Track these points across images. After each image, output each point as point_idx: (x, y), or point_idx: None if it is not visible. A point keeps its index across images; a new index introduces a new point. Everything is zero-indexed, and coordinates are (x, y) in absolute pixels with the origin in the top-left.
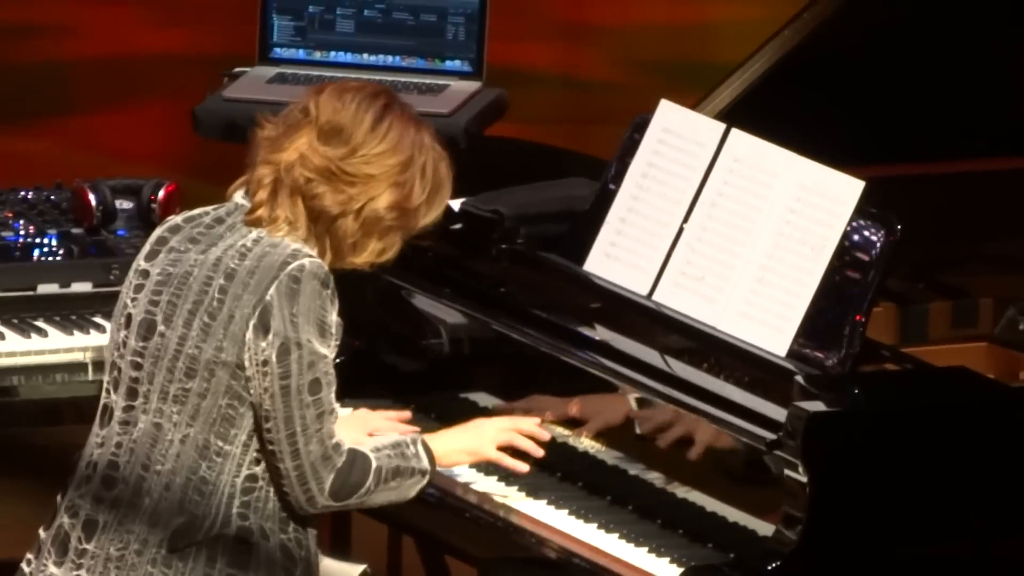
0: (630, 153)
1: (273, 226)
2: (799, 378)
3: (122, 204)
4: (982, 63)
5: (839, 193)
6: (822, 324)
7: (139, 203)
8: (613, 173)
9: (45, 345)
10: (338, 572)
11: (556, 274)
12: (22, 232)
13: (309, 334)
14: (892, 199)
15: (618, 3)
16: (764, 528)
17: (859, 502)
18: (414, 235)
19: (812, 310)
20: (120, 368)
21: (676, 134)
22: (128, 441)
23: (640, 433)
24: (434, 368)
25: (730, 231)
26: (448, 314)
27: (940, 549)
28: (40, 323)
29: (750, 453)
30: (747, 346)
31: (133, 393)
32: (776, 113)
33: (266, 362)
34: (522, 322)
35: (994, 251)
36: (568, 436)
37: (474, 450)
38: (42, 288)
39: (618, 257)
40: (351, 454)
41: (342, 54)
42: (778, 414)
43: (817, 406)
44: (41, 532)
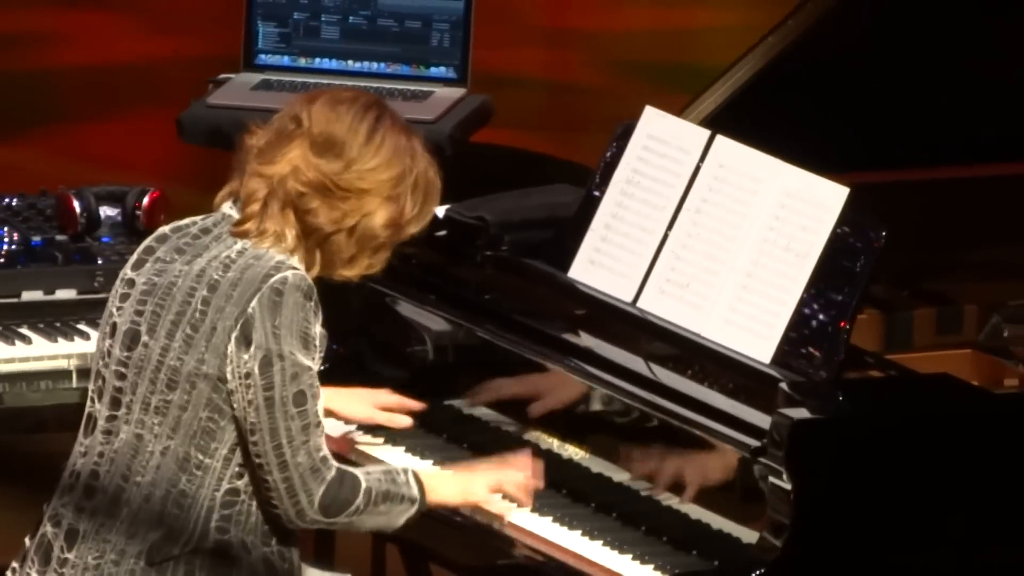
0: (615, 160)
1: (260, 238)
2: (783, 385)
3: (106, 211)
4: (966, 70)
5: (824, 200)
6: (807, 331)
7: (123, 210)
8: (598, 180)
9: (29, 352)
10: None
11: (541, 281)
12: (6, 239)
13: (292, 346)
14: (877, 206)
15: (602, 8)
16: (748, 535)
17: (843, 509)
18: (401, 243)
19: (797, 317)
20: (104, 377)
21: (661, 141)
22: (110, 451)
23: (624, 440)
24: (418, 375)
25: (715, 238)
26: (433, 321)
27: (925, 557)
28: (24, 330)
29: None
30: (732, 353)
31: (116, 403)
32: (761, 120)
33: (248, 375)
34: (507, 329)
35: (979, 258)
36: (552, 443)
37: (465, 491)
38: (26, 295)
39: (603, 264)
40: (340, 471)
41: (327, 61)
42: (762, 421)
43: (801, 413)
44: (27, 540)
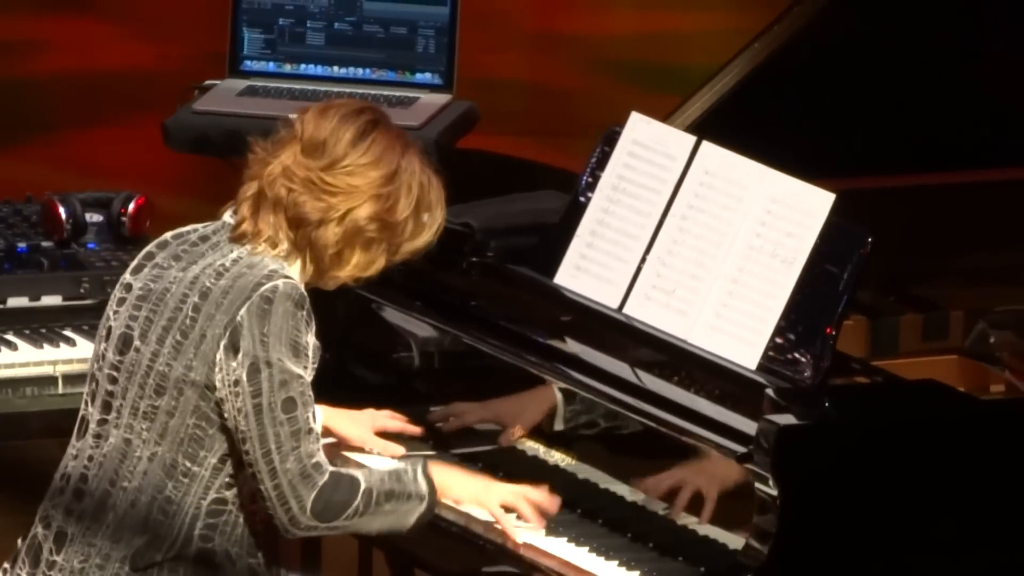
0: (601, 166)
1: (255, 241)
2: (770, 391)
3: (92, 217)
4: (953, 76)
5: (810, 206)
6: (793, 337)
7: (109, 216)
8: (583, 186)
9: (15, 359)
10: None
11: (526, 287)
12: None
13: (280, 353)
14: (863, 212)
15: (588, 13)
16: (734, 541)
17: (830, 515)
18: (407, 258)
19: (783, 323)
20: (98, 381)
21: (647, 147)
22: (99, 455)
23: (610, 446)
24: (404, 381)
25: (701, 244)
26: (418, 327)
27: (911, 562)
28: (10, 336)
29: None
30: (718, 359)
31: (107, 407)
32: (747, 126)
33: (237, 382)
34: (492, 335)
35: (965, 264)
36: (538, 449)
37: (479, 497)
38: (12, 301)
39: (588, 270)
40: (335, 475)
41: (312, 67)
42: (748, 427)
43: (787, 419)
44: (19, 541)
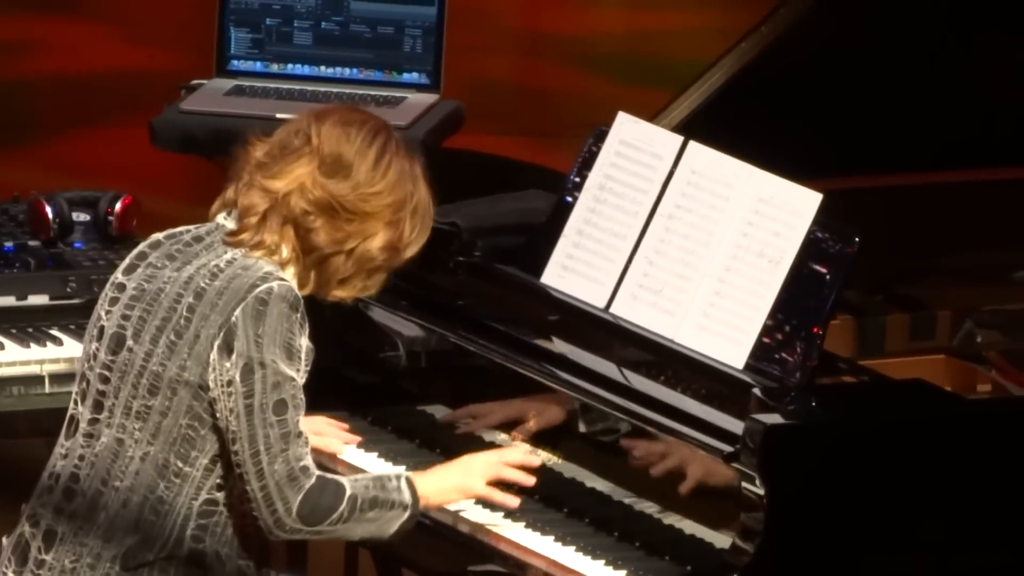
0: (587, 165)
1: (253, 249)
2: (756, 390)
3: (79, 216)
4: (940, 76)
5: (797, 205)
6: (780, 336)
7: (96, 215)
8: (570, 185)
9: (1, 358)
10: None
11: (513, 286)
12: None
13: (274, 355)
14: (850, 211)
15: (575, 13)
16: (721, 541)
17: (816, 515)
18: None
19: (770, 322)
20: (89, 380)
21: (633, 147)
22: (90, 454)
23: (597, 445)
24: (391, 381)
25: (688, 243)
26: (405, 327)
27: (898, 562)
28: None
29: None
30: (704, 358)
31: (99, 406)
32: (734, 125)
33: (230, 382)
34: (479, 335)
35: (952, 264)
36: (524, 449)
37: (464, 487)
38: None
39: (575, 269)
40: (322, 479)
41: (300, 66)
42: (735, 427)
43: (774, 418)
44: (3, 539)
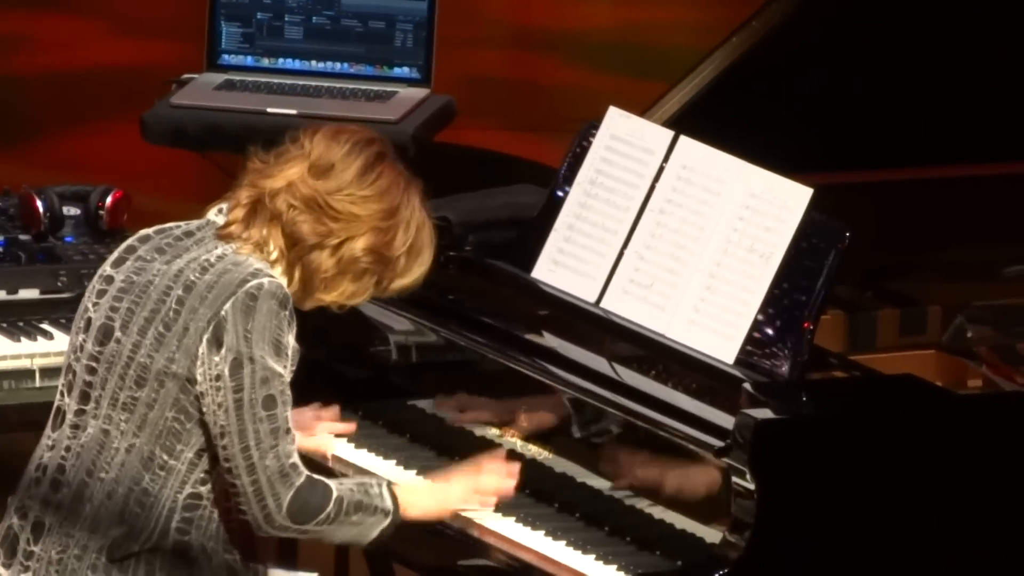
0: (578, 160)
1: (242, 244)
2: (747, 385)
3: (69, 210)
4: (931, 71)
5: (787, 200)
6: (770, 331)
7: (86, 210)
8: (561, 180)
9: None
10: None
11: (504, 281)
12: None
13: (263, 351)
14: (841, 206)
15: (566, 7)
16: (712, 535)
17: (807, 509)
18: (391, 294)
19: (760, 317)
20: (75, 372)
21: (624, 141)
22: (76, 446)
23: (588, 440)
24: (382, 375)
25: (678, 238)
26: (396, 321)
27: (888, 556)
28: None
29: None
30: (695, 353)
31: (85, 397)
32: (724, 120)
33: (219, 377)
34: (470, 329)
35: (943, 259)
36: (515, 443)
37: (440, 503)
38: None
39: (566, 264)
40: (311, 479)
41: (290, 61)
42: (726, 421)
43: (765, 413)
44: None
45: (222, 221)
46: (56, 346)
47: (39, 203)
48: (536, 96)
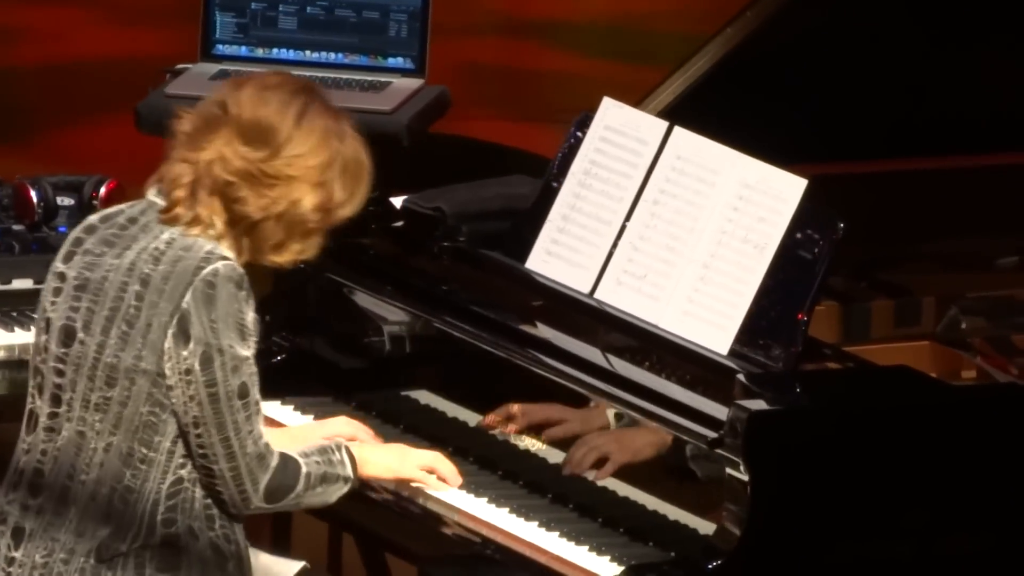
0: (572, 151)
1: (190, 226)
2: (741, 376)
3: (63, 200)
4: (926, 62)
5: (782, 191)
6: (764, 322)
7: (80, 199)
8: (555, 171)
9: None
10: (276, 569)
11: (498, 272)
12: None
13: (230, 339)
14: (835, 197)
15: None
16: (705, 527)
17: (801, 500)
18: (335, 227)
19: (754, 308)
20: (43, 374)
21: (618, 132)
22: (53, 449)
23: (581, 431)
24: (375, 366)
25: (672, 229)
26: (389, 312)
27: (882, 547)
28: None
29: (692, 451)
30: (689, 344)
31: (57, 400)
32: (719, 111)
33: (189, 371)
34: (463, 320)
35: (937, 250)
36: (508, 435)
37: (396, 469)
38: None
39: (560, 255)
40: (282, 457)
41: (285, 51)
42: (720, 412)
43: (759, 404)
44: None
45: (161, 201)
46: None
47: (33, 193)
48: (531, 85)
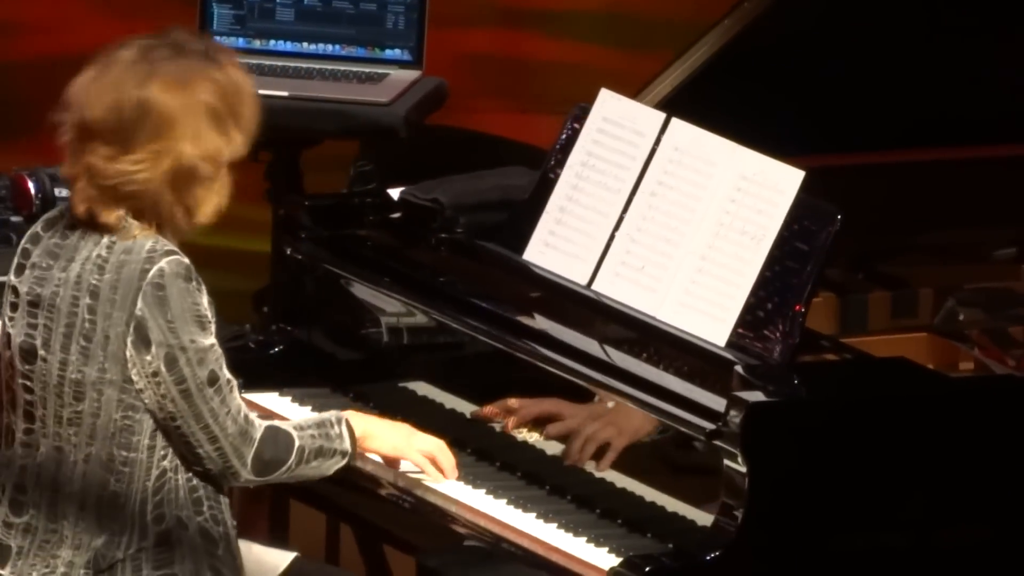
0: (570, 142)
1: (119, 233)
2: (738, 368)
3: (61, 192)
4: (922, 53)
5: (779, 183)
6: (762, 314)
7: None
8: (553, 162)
9: None
10: (269, 560)
11: (495, 263)
12: None
13: (190, 334)
14: (832, 189)
15: None
16: (703, 518)
17: (798, 492)
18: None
19: (752, 300)
20: (14, 390)
21: (616, 123)
22: (32, 465)
23: (579, 422)
24: (373, 357)
25: (670, 220)
26: (387, 303)
27: (880, 539)
28: None
29: (689, 443)
30: (686, 336)
31: (30, 416)
32: (716, 103)
33: (156, 373)
34: (461, 311)
35: (934, 242)
36: (507, 426)
37: (401, 448)
38: None
39: (557, 246)
40: (271, 430)
41: (282, 43)
42: (717, 404)
43: (756, 396)
44: None
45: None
46: None
47: (31, 184)
48: (528, 76)
